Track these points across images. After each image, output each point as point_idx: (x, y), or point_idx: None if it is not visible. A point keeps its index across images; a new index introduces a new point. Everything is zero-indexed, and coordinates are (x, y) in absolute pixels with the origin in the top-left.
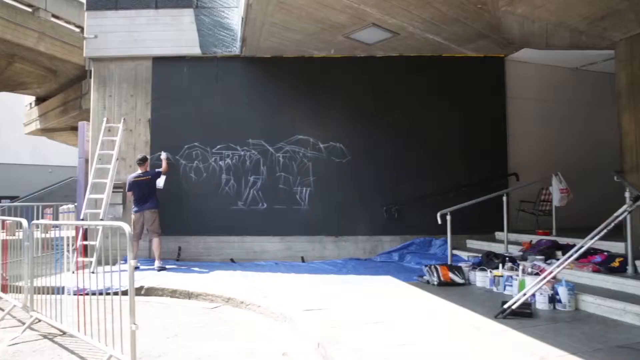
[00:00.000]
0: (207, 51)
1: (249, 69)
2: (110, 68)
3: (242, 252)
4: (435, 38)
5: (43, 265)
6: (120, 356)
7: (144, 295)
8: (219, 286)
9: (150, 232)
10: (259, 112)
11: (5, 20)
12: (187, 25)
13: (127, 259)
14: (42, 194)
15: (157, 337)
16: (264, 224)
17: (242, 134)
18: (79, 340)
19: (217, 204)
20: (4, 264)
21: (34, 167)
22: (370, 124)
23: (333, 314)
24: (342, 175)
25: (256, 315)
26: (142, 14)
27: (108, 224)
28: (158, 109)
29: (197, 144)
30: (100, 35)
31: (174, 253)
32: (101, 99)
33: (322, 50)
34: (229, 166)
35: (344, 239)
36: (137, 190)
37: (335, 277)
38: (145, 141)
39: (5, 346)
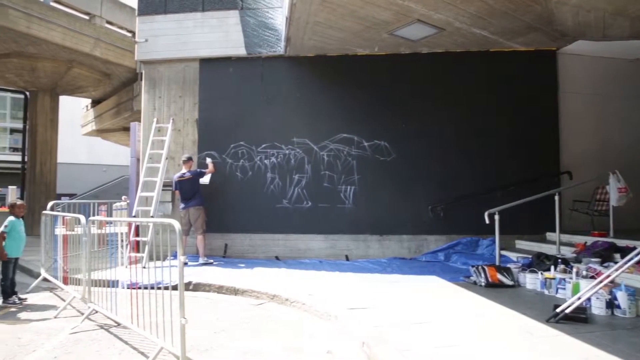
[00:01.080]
0: (252, 51)
1: (293, 68)
2: (159, 70)
3: (287, 249)
4: (483, 33)
5: (99, 259)
6: (171, 348)
7: (192, 290)
8: (264, 283)
9: (195, 229)
10: (304, 111)
11: (66, 28)
12: (232, 26)
13: (177, 255)
14: (97, 192)
15: (204, 331)
16: (308, 222)
17: (287, 133)
18: (132, 331)
19: (262, 202)
20: (64, 257)
21: (89, 166)
22: (415, 121)
23: (378, 313)
24: (387, 173)
25: (301, 313)
26: (189, 17)
27: (159, 221)
28: (205, 109)
29: (243, 143)
30: (150, 38)
31: (220, 250)
32: (151, 100)
33: (366, 48)
34: (274, 165)
35: (388, 237)
36: (182, 188)
37: (380, 276)
38: (193, 140)
39: (67, 334)
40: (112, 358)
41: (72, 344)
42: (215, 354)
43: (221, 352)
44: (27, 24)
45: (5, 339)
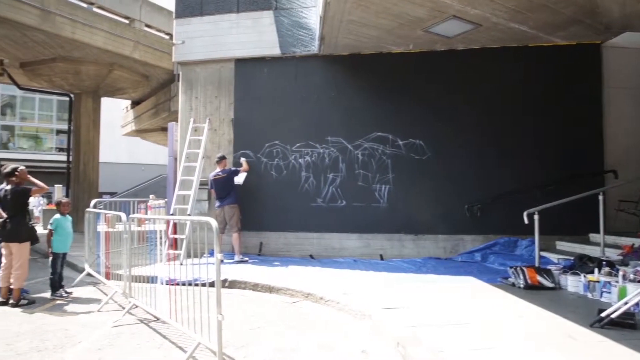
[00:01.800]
0: (287, 51)
1: (327, 67)
2: (196, 71)
3: (321, 248)
4: (521, 27)
5: (139, 256)
6: (208, 344)
7: (228, 287)
8: (298, 281)
9: (230, 227)
10: (338, 110)
11: (107, 32)
12: (266, 26)
13: (214, 253)
14: (136, 190)
15: (240, 328)
16: (342, 221)
17: (321, 132)
18: (170, 326)
19: (296, 200)
20: (106, 253)
21: (129, 165)
22: (451, 119)
23: (413, 314)
24: (422, 172)
25: (335, 312)
26: (224, 19)
27: (196, 219)
28: (240, 109)
29: (278, 142)
30: (187, 40)
31: (255, 248)
32: (188, 101)
33: (401, 46)
34: (309, 164)
35: (423, 237)
36: (216, 187)
37: (415, 276)
38: (229, 140)
39: (110, 327)
40: (152, 352)
41: (115, 337)
42: (250, 350)
43: (256, 349)
44: (72, 30)
45: (54, 330)
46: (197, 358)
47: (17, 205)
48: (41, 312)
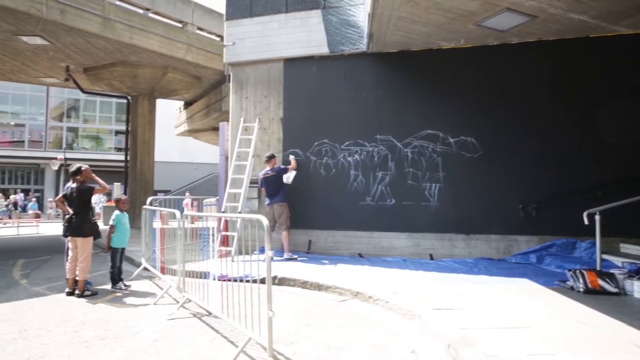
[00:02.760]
0: (335, 50)
1: (375, 64)
2: (246, 71)
3: (370, 247)
4: (581, 17)
5: (192, 252)
6: (258, 339)
7: (277, 284)
8: (347, 280)
9: (279, 225)
10: (387, 108)
11: (162, 36)
12: (315, 25)
13: (265, 250)
14: (188, 189)
15: (289, 324)
16: (392, 219)
17: (370, 130)
18: (222, 321)
19: (345, 199)
20: (162, 249)
21: (181, 164)
22: (504, 116)
23: (464, 315)
24: (474, 170)
25: (384, 311)
26: (273, 19)
27: (247, 217)
28: (289, 108)
29: (327, 141)
30: (237, 41)
31: (304, 246)
32: (238, 101)
33: (451, 41)
34: (358, 162)
35: (475, 237)
36: (266, 186)
37: (466, 276)
38: (278, 139)
39: (165, 320)
40: (205, 345)
41: (170, 329)
42: (300, 347)
43: (305, 346)
44: (129, 35)
45: (114, 320)
46: (248, 353)
47: (81, 202)
48: (103, 303)
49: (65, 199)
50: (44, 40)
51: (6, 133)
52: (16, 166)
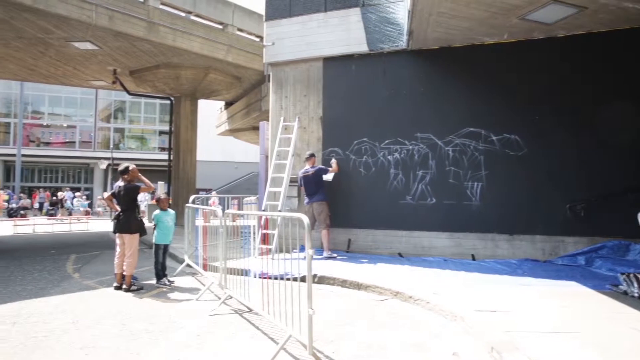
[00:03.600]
0: (374, 47)
1: (415, 62)
2: (285, 71)
3: (410, 246)
4: (636, 6)
5: (233, 249)
6: (298, 337)
7: (317, 282)
8: (387, 279)
9: (318, 223)
10: (427, 106)
11: (203, 38)
12: (354, 24)
13: (305, 248)
14: (229, 187)
15: (329, 323)
16: (432, 219)
17: (410, 128)
18: (262, 318)
19: (385, 198)
20: (204, 246)
21: (223, 163)
22: (550, 112)
23: (508, 318)
24: (518, 169)
25: (425, 311)
26: (312, 19)
27: (288, 215)
28: (329, 107)
29: (366, 139)
30: (276, 41)
31: (344, 245)
32: (278, 100)
33: (494, 36)
34: (397, 160)
35: (519, 237)
36: (305, 184)
37: (509, 278)
38: (318, 138)
39: (207, 316)
40: (246, 340)
41: (212, 325)
42: (340, 345)
43: (345, 344)
44: (172, 38)
45: (159, 315)
46: (288, 350)
47: (128, 200)
48: (148, 297)
49: (113, 197)
50: (94, 45)
51: (59, 134)
52: (68, 165)
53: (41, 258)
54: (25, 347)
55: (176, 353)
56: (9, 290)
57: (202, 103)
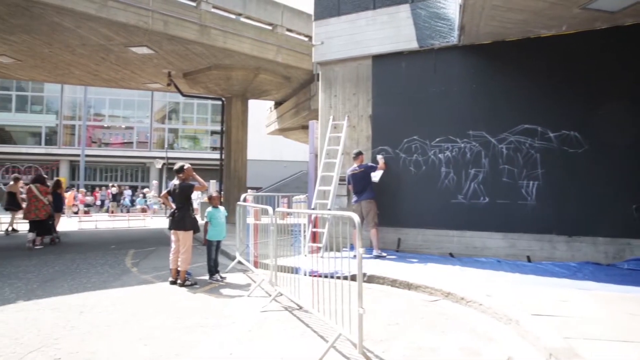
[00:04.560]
0: (424, 44)
1: (467, 57)
2: (334, 70)
3: (462, 246)
4: None
5: (283, 247)
6: (348, 335)
7: (366, 282)
8: (438, 280)
9: (367, 222)
10: (480, 102)
11: (253, 39)
12: (403, 20)
13: (356, 247)
14: (278, 186)
15: (378, 323)
16: (485, 218)
17: (462, 126)
18: (312, 315)
19: (436, 197)
20: (255, 244)
21: (272, 162)
22: (615, 107)
23: (567, 323)
24: (577, 167)
25: (477, 314)
26: (361, 16)
27: (339, 214)
28: (378, 105)
29: (416, 138)
30: (325, 41)
31: (393, 244)
32: (327, 99)
33: (552, 28)
34: (449, 159)
35: (579, 239)
36: (354, 182)
37: (568, 281)
38: (367, 136)
39: (258, 312)
40: (296, 337)
41: (263, 321)
42: (389, 345)
43: (395, 345)
44: (223, 40)
45: (212, 309)
46: (338, 348)
47: (183, 198)
48: (202, 292)
49: (169, 195)
50: (150, 49)
51: (118, 135)
52: (126, 165)
53: (103, 252)
54: (91, 335)
55: (229, 347)
56: (76, 282)
57: (252, 103)
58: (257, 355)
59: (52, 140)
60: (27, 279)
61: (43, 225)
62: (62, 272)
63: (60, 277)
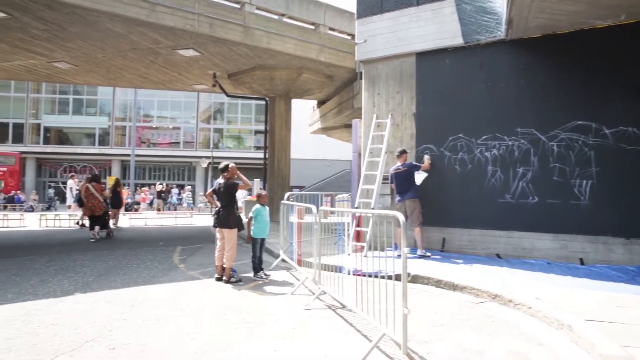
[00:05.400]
0: (470, 40)
1: (515, 52)
2: (377, 68)
3: (509, 247)
4: None
5: (326, 246)
6: (392, 335)
7: (410, 281)
8: (484, 281)
9: (411, 222)
10: (528, 99)
11: (296, 39)
12: (447, 16)
13: (400, 247)
14: (321, 185)
15: (423, 323)
16: (534, 219)
17: (510, 123)
18: (356, 315)
19: (482, 196)
20: (298, 242)
21: (315, 161)
22: None
23: (625, 330)
24: (636, 165)
25: (526, 317)
26: (404, 13)
27: (383, 213)
28: (422, 103)
29: (462, 135)
30: (368, 39)
31: (437, 244)
32: (370, 98)
33: (607, 19)
34: (496, 157)
35: (638, 242)
36: (397, 181)
37: (626, 286)
38: (411, 134)
39: (301, 310)
40: (339, 336)
41: (306, 319)
42: (434, 347)
43: (440, 346)
44: (267, 40)
45: (256, 306)
46: (382, 348)
47: (228, 196)
48: (246, 289)
49: (214, 194)
50: (196, 51)
51: (166, 135)
52: (173, 164)
53: (152, 249)
54: (142, 328)
55: (273, 343)
56: (127, 276)
57: (295, 102)
58: (301, 353)
59: (104, 141)
60: (83, 272)
61: (100, 220)
62: (114, 267)
63: (113, 271)
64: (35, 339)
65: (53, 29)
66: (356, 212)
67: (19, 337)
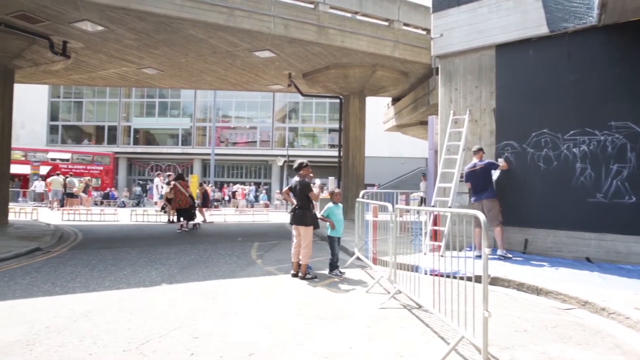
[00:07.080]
0: (556, 28)
1: (609, 39)
2: (455, 62)
3: (601, 251)
4: None
5: (402, 245)
6: (472, 339)
7: (489, 283)
8: (572, 286)
9: (489, 221)
10: (625, 89)
11: (370, 36)
12: (531, 4)
13: (479, 247)
14: (396, 183)
15: (504, 328)
16: (631, 220)
17: (602, 116)
18: (432, 315)
19: (569, 195)
20: (374, 240)
21: (389, 159)
22: None
23: None
24: None
25: (622, 328)
26: (483, 4)
27: (463, 212)
28: (503, 97)
29: (546, 131)
30: (444, 33)
31: (519, 245)
32: (447, 93)
33: None
34: (585, 153)
35: None
36: (473, 180)
37: None
38: (491, 130)
39: (376, 308)
40: (415, 336)
41: (381, 317)
42: (516, 353)
43: (523, 354)
44: (341, 39)
45: (331, 303)
46: (460, 351)
47: (303, 195)
48: (321, 286)
49: (290, 191)
50: (272, 52)
51: (243, 135)
52: (250, 163)
53: (231, 244)
54: (222, 319)
55: (348, 341)
56: (209, 270)
57: (369, 100)
58: (376, 351)
59: (187, 141)
60: (169, 264)
61: (187, 213)
62: (196, 261)
63: (195, 265)
64: (129, 324)
65: (142, 38)
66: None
67: (116, 321)
